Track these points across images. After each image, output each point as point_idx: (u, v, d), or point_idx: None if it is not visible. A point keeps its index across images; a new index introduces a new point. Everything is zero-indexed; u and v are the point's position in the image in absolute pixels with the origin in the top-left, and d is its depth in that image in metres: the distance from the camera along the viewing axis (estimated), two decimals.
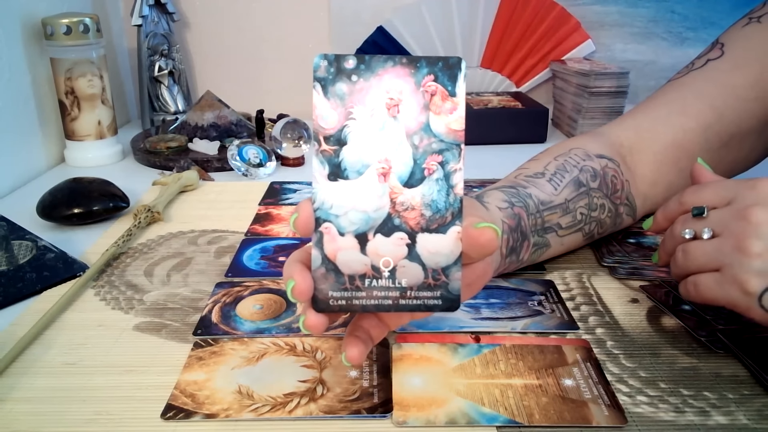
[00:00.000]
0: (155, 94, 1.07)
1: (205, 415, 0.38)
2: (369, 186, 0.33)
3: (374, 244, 0.33)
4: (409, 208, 0.34)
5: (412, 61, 0.33)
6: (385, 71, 0.33)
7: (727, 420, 0.38)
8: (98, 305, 0.51)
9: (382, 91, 0.33)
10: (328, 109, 0.33)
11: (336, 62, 0.33)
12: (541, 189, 0.53)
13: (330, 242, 0.33)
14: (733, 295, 0.39)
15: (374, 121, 0.33)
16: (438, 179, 0.34)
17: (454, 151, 0.34)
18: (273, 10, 1.14)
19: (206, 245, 0.62)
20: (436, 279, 0.34)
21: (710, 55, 0.60)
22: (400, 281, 0.34)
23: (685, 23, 1.15)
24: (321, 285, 0.33)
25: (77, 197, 0.67)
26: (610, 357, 0.44)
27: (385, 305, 0.34)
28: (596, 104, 0.98)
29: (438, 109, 0.33)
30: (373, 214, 0.33)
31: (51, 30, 0.83)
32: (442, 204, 0.34)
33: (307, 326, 0.34)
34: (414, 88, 0.33)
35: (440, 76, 0.33)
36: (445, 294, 0.34)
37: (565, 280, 0.55)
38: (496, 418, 0.38)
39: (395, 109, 0.33)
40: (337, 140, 0.33)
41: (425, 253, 0.34)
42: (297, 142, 0.87)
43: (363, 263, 0.34)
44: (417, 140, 0.33)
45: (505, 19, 1.13)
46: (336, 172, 0.33)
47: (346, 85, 0.33)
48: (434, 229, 0.34)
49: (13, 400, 0.40)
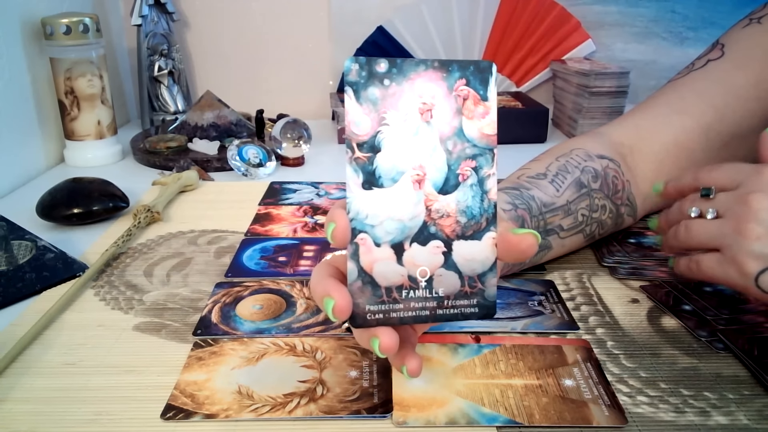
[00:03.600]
0: (155, 94, 1.06)
1: (205, 415, 0.38)
2: (404, 194, 0.32)
3: (410, 254, 0.33)
4: (444, 216, 0.33)
5: (444, 65, 0.32)
6: (417, 75, 0.32)
7: (728, 420, 0.38)
8: (98, 305, 0.51)
9: (415, 95, 0.32)
10: (360, 115, 0.31)
11: (367, 66, 0.31)
12: (543, 190, 0.52)
13: (366, 254, 0.32)
14: (732, 275, 0.41)
15: (408, 127, 0.32)
16: (472, 185, 0.33)
17: (487, 156, 0.33)
18: (273, 10, 1.14)
19: (206, 245, 0.62)
20: (472, 286, 0.33)
21: (711, 55, 0.60)
22: (437, 291, 0.33)
23: (686, 23, 1.15)
24: (358, 299, 0.32)
25: (77, 197, 0.67)
26: (611, 357, 0.44)
27: (422, 316, 0.33)
28: (597, 104, 0.98)
29: (470, 113, 0.33)
30: (409, 223, 0.32)
31: (50, 30, 0.83)
32: (477, 210, 0.33)
33: (383, 350, 0.32)
34: (446, 93, 0.32)
35: (472, 80, 0.32)
36: (481, 301, 0.34)
37: (565, 280, 0.55)
38: (496, 419, 0.38)
39: (428, 114, 0.32)
40: (370, 147, 0.32)
41: (461, 260, 0.33)
42: (297, 142, 0.87)
43: (400, 274, 0.33)
44: (450, 146, 0.33)
45: (505, 18, 1.13)
46: (370, 180, 0.32)
47: (378, 89, 0.31)
48: (469, 236, 0.33)
49: (13, 400, 0.40)
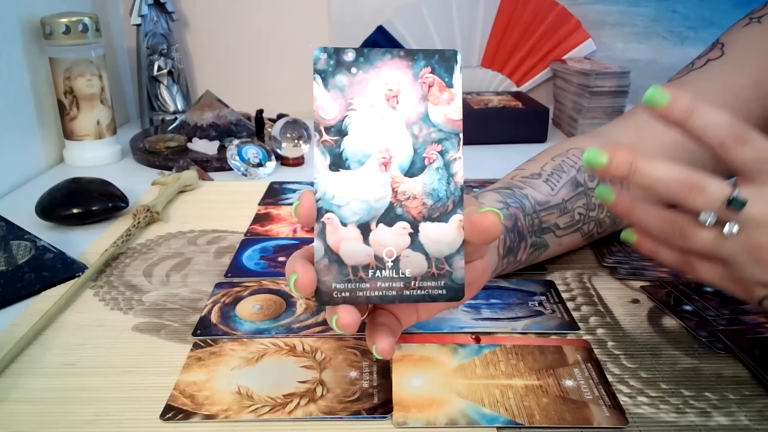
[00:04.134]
0: (154, 94, 1.06)
1: (205, 415, 0.38)
2: (370, 176, 0.33)
3: (377, 234, 0.34)
4: (410, 198, 0.34)
5: (410, 54, 0.33)
6: (383, 63, 0.33)
7: (729, 421, 0.37)
8: (97, 306, 0.51)
9: (381, 82, 0.33)
10: (328, 101, 0.33)
11: (335, 55, 0.33)
12: (537, 189, 0.52)
13: (332, 233, 0.33)
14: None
15: (374, 112, 0.33)
16: (438, 168, 0.34)
17: (453, 140, 0.34)
18: (273, 9, 1.14)
19: (206, 245, 0.62)
20: (439, 268, 0.34)
21: (710, 55, 0.60)
22: (404, 271, 0.34)
23: (686, 23, 1.15)
24: (324, 277, 0.33)
25: (76, 197, 0.67)
26: (611, 357, 0.44)
27: (389, 296, 0.34)
28: (597, 104, 0.98)
29: (436, 99, 0.34)
30: (375, 204, 0.33)
31: (50, 29, 0.83)
32: (443, 192, 0.34)
33: (341, 326, 0.33)
34: (412, 80, 0.34)
35: (437, 68, 0.34)
36: (449, 283, 0.34)
37: (565, 280, 0.54)
38: (496, 419, 0.38)
39: (394, 100, 0.33)
40: (338, 131, 0.33)
41: (428, 242, 0.34)
42: (297, 141, 0.87)
43: (366, 254, 0.34)
44: (416, 130, 0.34)
45: (506, 18, 1.13)
46: (337, 163, 0.33)
47: (345, 77, 0.33)
48: (436, 218, 0.34)
49: (12, 400, 0.40)
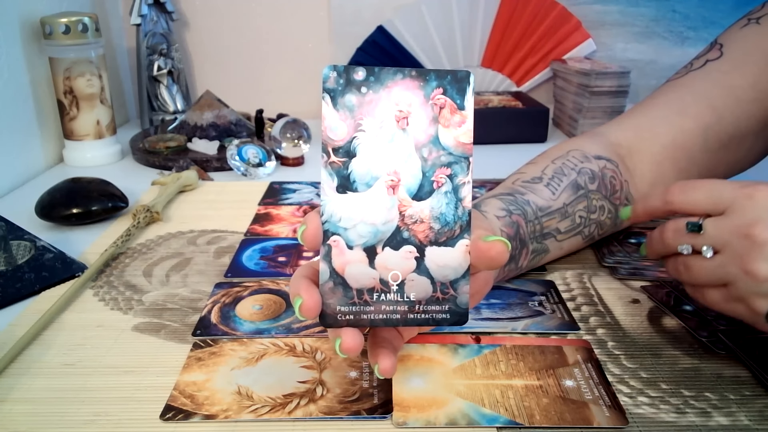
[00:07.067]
0: (154, 94, 1.06)
1: (205, 416, 0.38)
2: (378, 198, 0.33)
3: (383, 258, 0.33)
4: (417, 221, 0.33)
5: (422, 74, 0.33)
6: (394, 83, 0.33)
7: (729, 421, 0.37)
8: (97, 306, 0.51)
9: (392, 103, 0.33)
10: (337, 121, 0.32)
11: (345, 74, 0.32)
12: (539, 194, 0.52)
13: (338, 256, 0.33)
14: (740, 311, 0.39)
15: (383, 134, 0.33)
16: (447, 192, 0.33)
17: (462, 164, 0.33)
18: (273, 9, 1.14)
19: (205, 245, 0.62)
20: (444, 293, 0.34)
21: (709, 55, 0.60)
22: (409, 295, 0.34)
23: (686, 22, 1.15)
24: (329, 300, 0.33)
25: (76, 197, 0.67)
26: (611, 358, 0.44)
27: (393, 320, 0.34)
28: (597, 104, 0.98)
29: (447, 122, 0.33)
30: (382, 227, 0.33)
31: (50, 29, 0.82)
32: (451, 217, 0.33)
33: (344, 350, 0.33)
34: (423, 101, 0.33)
35: (449, 89, 0.33)
36: (453, 308, 0.34)
37: (565, 280, 0.54)
38: (496, 419, 0.38)
39: (404, 121, 0.33)
40: (346, 152, 0.33)
41: (434, 266, 0.34)
42: (296, 141, 0.87)
43: (371, 277, 0.33)
44: (426, 153, 0.33)
45: (506, 18, 1.13)
46: (345, 185, 0.33)
47: (355, 96, 0.32)
48: (443, 243, 0.34)
49: (12, 400, 0.40)
